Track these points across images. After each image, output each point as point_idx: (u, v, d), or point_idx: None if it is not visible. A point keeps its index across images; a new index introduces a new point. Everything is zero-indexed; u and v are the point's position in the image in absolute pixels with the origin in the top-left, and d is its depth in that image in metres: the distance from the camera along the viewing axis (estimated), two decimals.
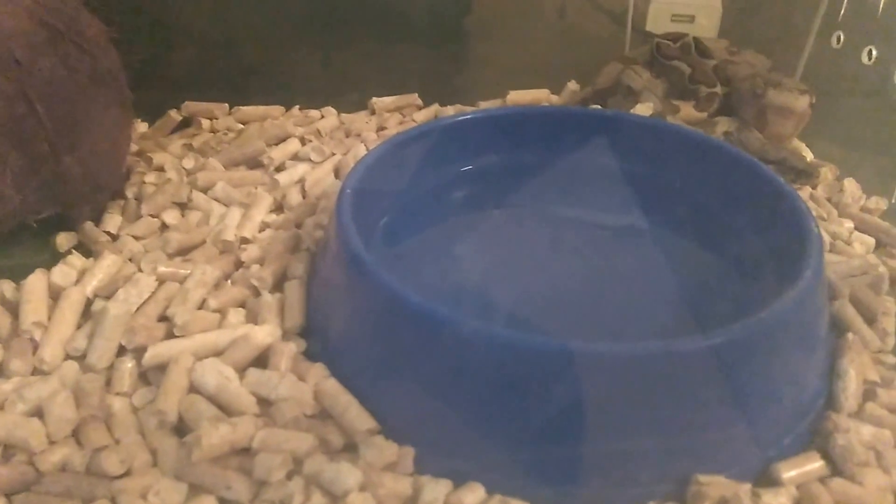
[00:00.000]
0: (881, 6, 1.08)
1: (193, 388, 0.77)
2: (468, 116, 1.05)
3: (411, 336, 0.74)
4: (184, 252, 0.96)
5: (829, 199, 1.14)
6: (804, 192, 1.14)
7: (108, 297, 0.87)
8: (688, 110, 1.26)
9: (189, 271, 0.89)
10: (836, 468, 0.74)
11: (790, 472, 0.73)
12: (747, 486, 0.70)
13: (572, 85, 1.39)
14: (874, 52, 1.11)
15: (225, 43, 1.35)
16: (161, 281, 0.89)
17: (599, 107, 1.27)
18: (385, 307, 0.75)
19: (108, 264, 0.91)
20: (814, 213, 0.95)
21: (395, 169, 0.97)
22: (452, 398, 0.72)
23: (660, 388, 0.69)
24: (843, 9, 1.18)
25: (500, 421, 0.71)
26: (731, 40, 1.39)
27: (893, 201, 1.09)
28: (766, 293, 0.75)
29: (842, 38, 1.20)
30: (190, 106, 1.25)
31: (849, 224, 1.08)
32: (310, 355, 0.83)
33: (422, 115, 1.31)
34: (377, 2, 1.37)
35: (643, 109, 1.18)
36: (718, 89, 1.28)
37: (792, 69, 1.32)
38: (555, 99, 1.37)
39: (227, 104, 1.30)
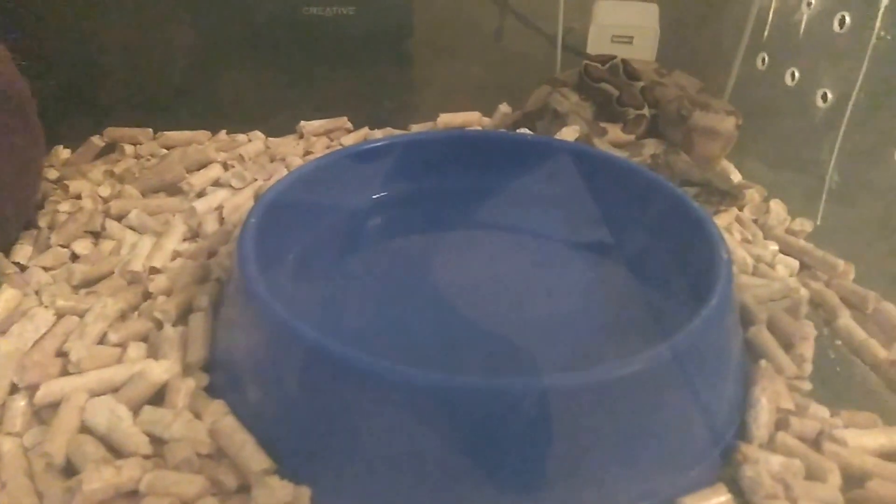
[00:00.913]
0: (802, 27, 1.05)
1: (85, 428, 0.73)
2: (379, 143, 1.03)
3: (306, 372, 0.70)
4: (90, 283, 0.93)
5: (755, 221, 1.12)
6: (731, 214, 1.12)
7: (3, 333, 0.83)
8: (615, 132, 1.24)
9: (90, 304, 0.85)
10: (744, 501, 0.71)
11: None
12: None
13: (504, 107, 1.37)
14: (797, 74, 1.08)
15: (153, 67, 1.32)
16: (60, 315, 0.86)
17: (528, 130, 1.24)
18: (280, 342, 0.72)
19: (5, 298, 0.88)
20: (738, 236, 0.96)
21: (307, 197, 0.94)
22: (348, 436, 0.69)
23: (554, 425, 0.66)
24: (766, 30, 1.15)
25: (394, 459, 0.68)
26: (668, 61, 1.38)
27: (818, 223, 1.04)
28: (675, 322, 0.72)
29: (766, 59, 1.17)
30: (112, 132, 1.24)
31: (773, 246, 1.06)
32: (214, 390, 0.79)
33: (350, 139, 1.28)
34: (309, 23, 1.33)
35: (569, 133, 1.15)
36: (646, 111, 1.26)
37: (723, 90, 1.31)
38: (486, 121, 1.35)
39: (151, 129, 1.27)
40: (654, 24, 1.44)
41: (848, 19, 1.01)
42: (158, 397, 0.78)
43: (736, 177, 1.22)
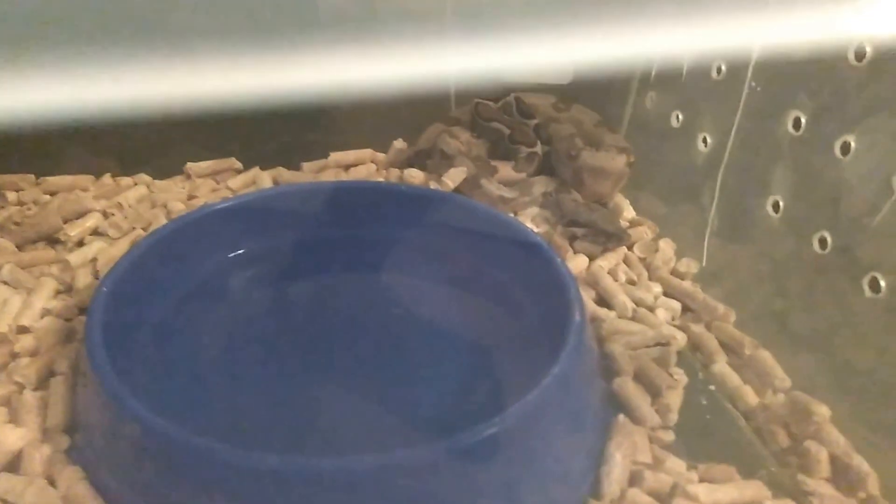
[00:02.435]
0: (684, 71, 1.10)
1: None
2: (231, 203, 1.08)
3: (138, 447, 0.75)
4: None
5: (643, 260, 1.16)
6: (619, 254, 1.17)
7: None
8: (506, 171, 1.27)
9: None
10: None
11: None
12: None
13: (398, 144, 1.40)
14: (680, 116, 1.12)
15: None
16: None
17: (417, 169, 1.27)
18: (115, 416, 0.76)
19: None
20: (623, 277, 1.03)
21: (163, 261, 0.98)
22: None
23: (392, 498, 0.70)
24: (653, 70, 1.19)
25: None
26: (577, 89, 1.41)
27: (704, 264, 1.09)
28: (522, 387, 0.76)
29: (654, 98, 1.21)
30: None
31: (657, 289, 1.10)
32: (74, 453, 0.83)
33: (238, 181, 1.31)
34: None
35: (456, 174, 1.19)
36: (538, 149, 1.30)
37: (621, 122, 1.35)
38: (380, 157, 1.39)
39: (33, 175, 1.30)
40: None
41: (723, 68, 1.05)
42: (16, 464, 0.81)
43: (630, 213, 1.26)
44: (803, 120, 0.92)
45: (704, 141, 1.09)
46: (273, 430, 0.83)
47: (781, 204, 0.96)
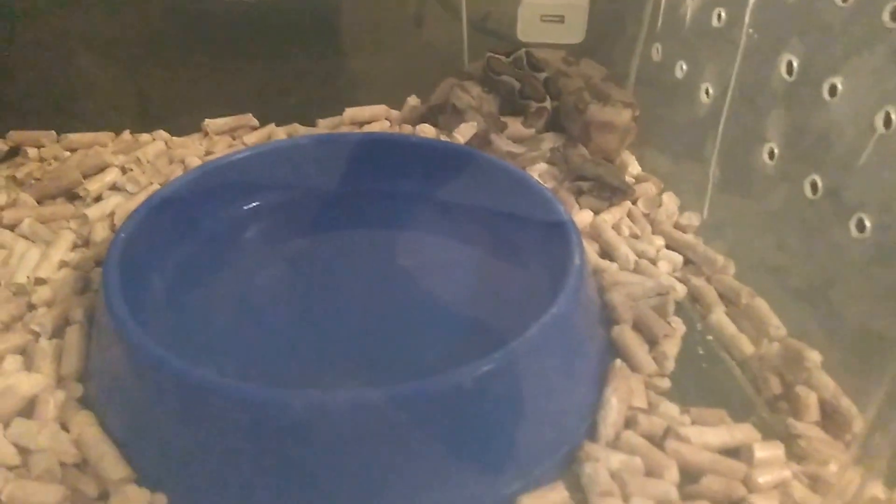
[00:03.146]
0: (688, 20, 1.11)
1: None
2: (246, 154, 1.09)
3: (157, 388, 0.77)
4: None
5: (646, 215, 1.17)
6: (623, 209, 1.18)
7: None
8: (515, 127, 1.29)
9: None
10: (584, 498, 0.77)
11: (531, 503, 0.75)
12: None
13: (412, 100, 1.41)
14: (684, 67, 1.14)
15: (58, 65, 1.34)
16: None
17: (430, 124, 1.29)
18: (133, 359, 0.79)
19: None
20: (627, 231, 1.05)
21: (179, 211, 1.00)
22: (199, 447, 0.76)
23: (392, 430, 0.73)
24: (659, 20, 1.20)
25: (240, 468, 0.74)
26: (585, 45, 1.42)
27: (705, 217, 1.11)
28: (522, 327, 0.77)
29: (660, 50, 1.23)
30: (15, 135, 1.27)
31: (659, 242, 1.12)
32: (88, 400, 0.85)
33: (254, 137, 1.33)
34: (216, 18, 1.36)
35: (466, 129, 1.20)
36: (547, 104, 1.31)
37: (628, 77, 1.35)
38: (394, 114, 1.40)
39: (54, 132, 1.31)
40: (584, 3, 1.45)
41: (724, 14, 1.07)
42: (31, 409, 0.84)
43: (635, 169, 1.27)
44: (795, 64, 0.94)
45: (707, 92, 1.11)
46: (285, 368, 0.86)
47: (776, 151, 0.97)
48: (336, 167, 1.10)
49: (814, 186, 0.92)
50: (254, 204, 1.09)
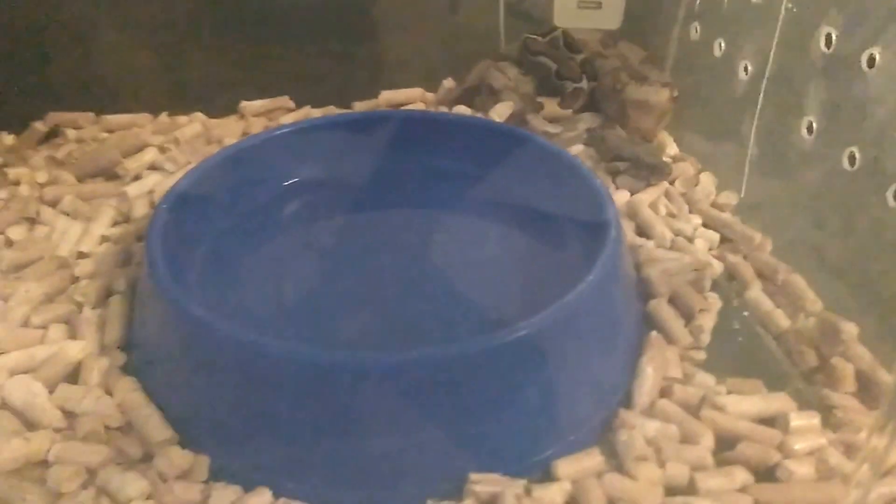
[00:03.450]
0: None
1: (3, 404, 0.82)
2: (289, 129, 1.11)
3: (201, 350, 0.80)
4: (19, 269, 1.00)
5: (684, 195, 1.18)
6: (660, 189, 1.18)
7: None
8: (552, 107, 1.30)
9: (15, 289, 0.94)
10: (620, 464, 0.78)
11: (567, 467, 0.77)
12: (521, 483, 0.75)
13: (448, 83, 1.42)
14: (723, 45, 1.15)
15: (96, 50, 1.36)
16: None
17: (466, 106, 1.30)
18: (178, 323, 0.81)
19: None
20: (664, 210, 1.05)
21: (221, 184, 1.02)
22: (243, 409, 0.78)
23: (433, 392, 0.74)
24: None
25: (285, 429, 0.77)
26: (622, 29, 1.42)
27: (742, 196, 1.12)
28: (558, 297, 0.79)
29: (699, 28, 1.24)
30: (54, 116, 1.27)
31: (697, 220, 1.13)
32: (130, 368, 0.87)
33: (290, 119, 1.33)
34: (252, 2, 1.39)
35: (502, 109, 1.22)
36: (584, 85, 1.32)
37: (666, 59, 1.35)
38: (429, 97, 1.41)
39: (92, 113, 1.33)
40: None
41: None
42: (76, 375, 0.86)
43: (672, 149, 1.28)
44: (834, 36, 0.94)
45: (745, 69, 1.12)
46: (325, 335, 0.88)
47: (815, 125, 0.98)
48: (376, 144, 1.10)
49: (852, 159, 0.92)
50: (293, 180, 1.10)
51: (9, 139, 1.28)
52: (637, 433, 0.79)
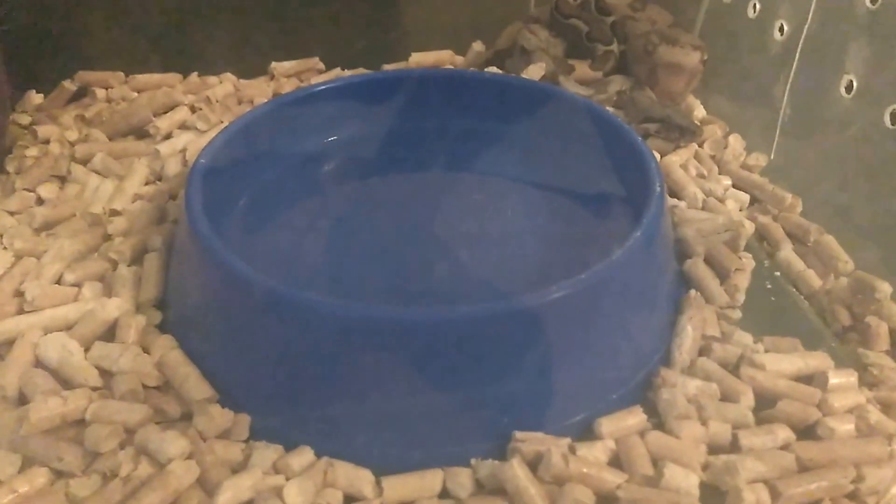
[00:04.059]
0: None
1: (38, 363, 0.80)
2: (330, 85, 1.08)
3: (242, 306, 0.78)
4: (51, 226, 0.99)
5: (713, 157, 1.17)
6: (690, 150, 1.17)
7: None
8: (583, 69, 1.28)
9: (49, 246, 0.93)
10: (661, 422, 0.77)
11: (610, 426, 0.76)
12: (565, 441, 0.74)
13: (477, 46, 1.39)
14: (757, 5, 1.13)
15: (126, 9, 1.34)
16: (18, 256, 0.93)
17: (497, 68, 1.28)
18: (219, 278, 0.79)
19: None
20: (694, 171, 1.04)
21: (259, 140, 0.99)
22: (282, 366, 0.77)
23: (478, 350, 0.73)
24: None
25: (326, 387, 0.75)
26: None
27: (773, 157, 1.10)
28: (603, 253, 0.78)
29: None
30: (83, 76, 1.28)
31: (726, 181, 1.11)
32: (168, 326, 0.86)
33: (321, 80, 1.29)
34: None
35: (534, 70, 1.20)
36: (614, 47, 1.30)
37: (694, 23, 1.34)
38: (459, 60, 1.39)
39: (122, 73, 1.31)
40: None
41: None
42: (111, 334, 0.85)
43: (700, 112, 1.26)
44: None
45: (781, 29, 1.10)
46: (368, 288, 0.87)
47: (855, 83, 0.96)
48: (418, 103, 1.09)
49: (894, 117, 0.89)
50: (333, 137, 1.08)
51: (37, 98, 1.26)
52: (678, 391, 0.78)
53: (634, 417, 0.77)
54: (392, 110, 1.08)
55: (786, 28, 1.09)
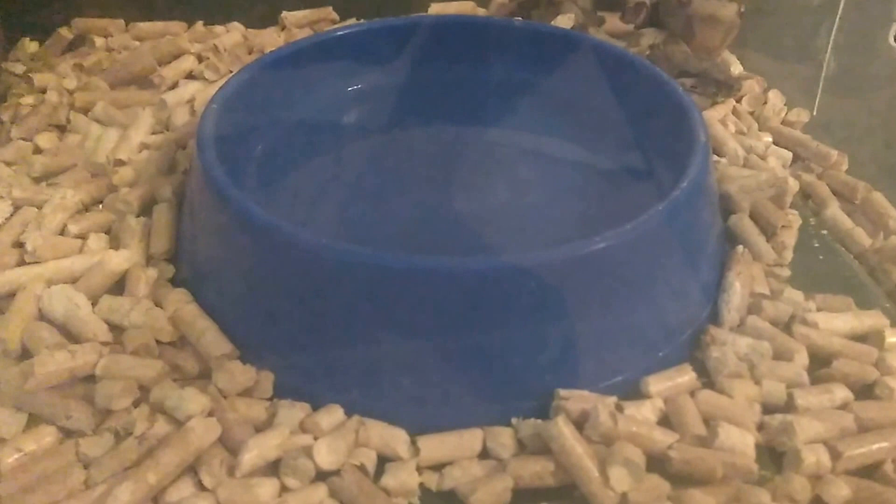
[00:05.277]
0: None
1: (42, 316, 0.78)
2: (356, 29, 1.06)
3: (266, 257, 0.75)
4: (51, 176, 0.97)
5: (752, 113, 1.15)
6: (727, 106, 1.15)
7: None
8: (613, 22, 1.26)
9: (49, 196, 0.90)
10: (710, 381, 0.76)
11: (658, 384, 0.75)
12: (611, 400, 0.72)
13: None
14: None
15: None
16: (17, 206, 0.90)
17: (520, 19, 1.25)
18: (238, 226, 0.76)
19: None
20: (733, 128, 1.01)
21: (277, 86, 0.97)
22: (310, 320, 0.75)
23: (521, 304, 0.71)
24: None
25: (357, 342, 0.73)
26: None
27: (815, 113, 1.08)
28: (646, 205, 0.76)
29: None
30: (81, 23, 1.25)
31: (767, 138, 1.10)
32: (180, 280, 0.84)
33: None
34: None
35: (563, 21, 1.18)
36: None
37: None
38: (481, 12, 1.36)
39: (122, 21, 1.28)
40: None
41: None
42: (120, 288, 0.82)
43: (737, 68, 1.23)
44: None
45: None
46: (397, 239, 0.84)
47: None
48: (445, 50, 1.07)
49: None
50: (358, 86, 1.06)
51: (32, 46, 1.23)
52: (729, 349, 0.77)
53: (684, 375, 0.76)
54: (418, 58, 1.06)
55: None
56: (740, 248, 0.86)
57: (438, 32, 1.06)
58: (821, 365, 0.78)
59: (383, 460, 0.70)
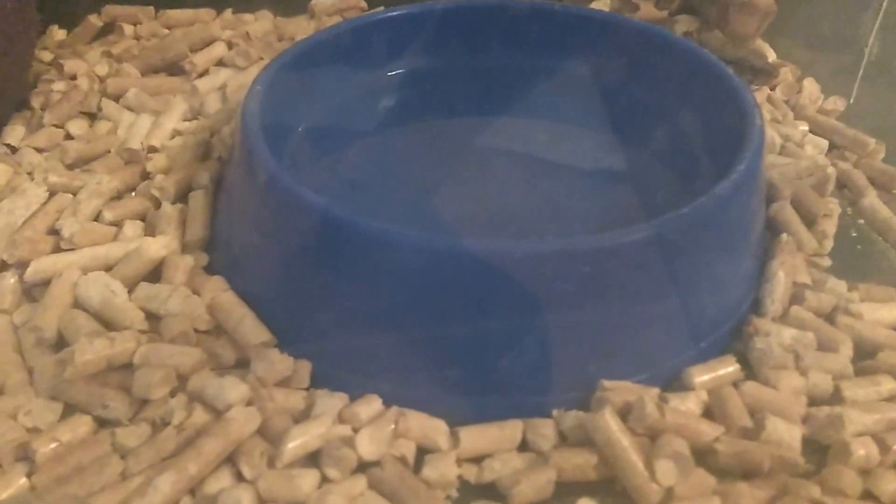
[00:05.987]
0: None
1: (78, 304, 0.78)
2: (399, 13, 1.03)
3: (311, 241, 0.74)
4: (85, 162, 0.96)
5: (787, 101, 1.14)
6: (762, 94, 1.14)
7: None
8: (648, 8, 1.26)
9: (85, 182, 0.89)
10: (753, 373, 0.75)
11: (702, 376, 0.74)
12: (655, 391, 0.72)
13: None
14: None
15: None
16: (52, 192, 0.90)
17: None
18: (283, 209, 0.75)
19: None
20: (769, 116, 1.00)
21: (318, 69, 0.96)
22: (353, 307, 0.74)
23: (563, 291, 0.69)
24: None
25: (400, 330, 0.72)
26: None
27: (852, 102, 1.08)
28: (697, 191, 0.75)
29: None
30: (111, 10, 1.25)
31: (803, 126, 1.09)
32: (214, 269, 0.83)
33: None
34: None
35: (598, 6, 1.16)
36: None
37: None
38: None
39: (152, 8, 1.28)
40: None
41: None
42: (155, 275, 0.82)
43: (770, 56, 1.23)
44: None
45: None
46: (443, 223, 0.83)
47: None
48: (489, 36, 1.07)
49: None
50: (400, 71, 1.04)
51: (60, 34, 1.23)
52: (773, 340, 0.76)
53: (728, 366, 0.75)
54: (463, 43, 1.06)
55: None
56: (784, 236, 0.85)
57: (487, 16, 1.06)
58: (864, 357, 0.77)
59: (421, 452, 0.69)
